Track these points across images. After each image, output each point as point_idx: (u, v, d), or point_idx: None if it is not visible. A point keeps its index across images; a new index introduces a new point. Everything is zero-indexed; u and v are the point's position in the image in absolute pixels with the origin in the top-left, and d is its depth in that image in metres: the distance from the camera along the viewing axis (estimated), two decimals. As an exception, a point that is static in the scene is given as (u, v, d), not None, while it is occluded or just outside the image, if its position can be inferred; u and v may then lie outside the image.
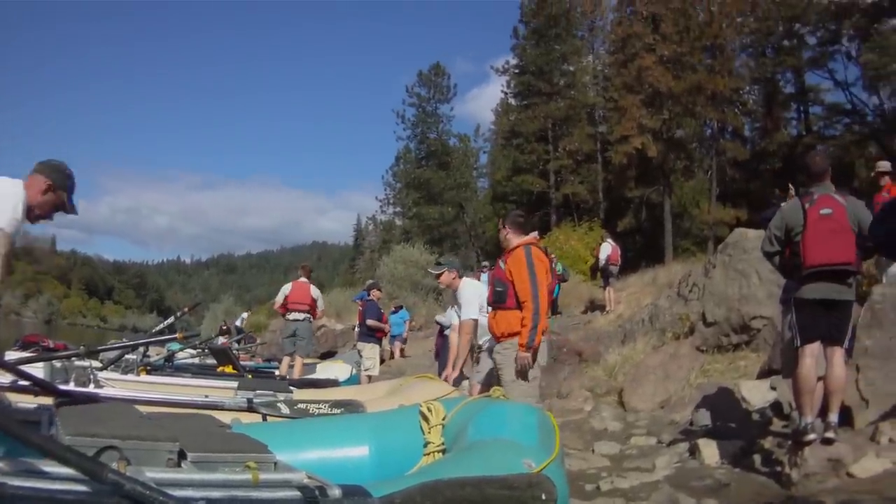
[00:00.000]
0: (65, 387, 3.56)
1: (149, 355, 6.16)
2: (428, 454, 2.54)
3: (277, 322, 16.44)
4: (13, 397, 2.77)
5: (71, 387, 3.87)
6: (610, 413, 7.11)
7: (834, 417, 4.04)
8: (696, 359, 7.92)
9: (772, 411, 5.21)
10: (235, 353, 8.64)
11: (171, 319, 7.25)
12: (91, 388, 3.99)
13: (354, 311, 13.92)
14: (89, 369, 4.30)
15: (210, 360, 8.37)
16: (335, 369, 8.37)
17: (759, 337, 7.69)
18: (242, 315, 24.76)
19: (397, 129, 35.92)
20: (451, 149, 35.46)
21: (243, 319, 22.88)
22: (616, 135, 24.18)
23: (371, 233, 47.89)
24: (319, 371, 8.32)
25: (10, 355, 4.39)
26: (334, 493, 1.66)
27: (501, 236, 4.83)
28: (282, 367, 8.70)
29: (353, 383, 7.70)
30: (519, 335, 4.37)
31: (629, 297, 14.15)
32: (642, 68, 22.57)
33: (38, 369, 3.64)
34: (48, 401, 2.58)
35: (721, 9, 23.49)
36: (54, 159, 2.79)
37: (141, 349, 5.65)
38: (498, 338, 4.60)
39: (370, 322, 10.19)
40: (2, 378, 3.07)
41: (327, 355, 14.50)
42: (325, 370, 8.40)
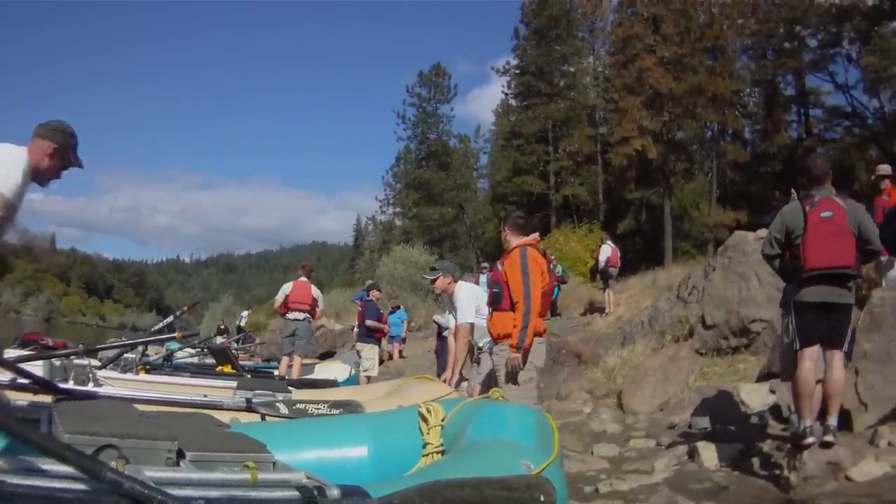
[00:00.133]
0: (64, 385, 3.56)
1: (148, 354, 6.17)
2: (427, 455, 2.53)
3: (276, 322, 16.41)
4: (12, 395, 2.77)
5: (70, 385, 3.87)
6: (609, 415, 7.11)
7: (833, 421, 4.03)
8: (696, 361, 7.92)
9: (771, 414, 5.21)
10: (234, 352, 8.64)
11: (171, 318, 7.27)
12: (90, 387, 3.98)
13: (354, 312, 13.87)
14: (88, 368, 4.30)
15: (209, 360, 8.38)
16: (334, 370, 8.36)
17: (758, 340, 7.69)
18: (243, 314, 24.71)
19: (397, 130, 35.99)
20: (452, 149, 35.47)
21: (243, 318, 22.85)
22: (616, 136, 24.16)
23: (371, 233, 47.84)
24: (318, 371, 8.31)
25: (10, 353, 4.40)
26: (333, 493, 1.66)
27: (502, 238, 4.83)
28: (281, 366, 8.68)
29: (352, 384, 7.69)
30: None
31: (629, 299, 14.15)
32: (643, 70, 22.56)
33: (37, 367, 3.64)
34: (47, 399, 2.60)
35: (722, 10, 23.53)
36: (53, 120, 2.82)
37: (140, 348, 5.65)
38: (495, 339, 4.61)
39: (369, 322, 10.19)
40: (1, 376, 3.08)
41: (326, 356, 14.45)
42: (323, 370, 8.39)
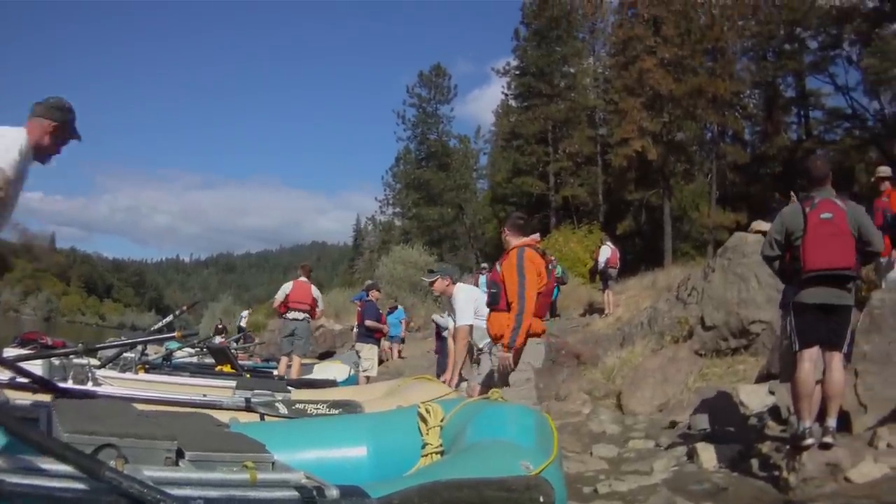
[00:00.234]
0: (63, 384, 3.56)
1: (147, 354, 6.16)
2: (426, 455, 2.52)
3: (276, 322, 16.40)
4: (11, 394, 2.77)
5: (69, 384, 3.87)
6: (608, 416, 7.10)
7: (832, 422, 4.03)
8: (695, 362, 7.92)
9: (770, 416, 5.21)
10: (234, 352, 8.63)
11: (170, 318, 7.26)
12: (89, 386, 3.98)
13: (353, 312, 13.84)
14: (87, 367, 4.30)
15: (208, 360, 8.38)
16: (333, 370, 8.36)
17: (757, 341, 7.69)
18: (243, 314, 24.62)
19: (397, 130, 36.01)
20: (452, 150, 35.48)
21: (243, 318, 22.77)
22: (616, 137, 24.15)
23: (370, 233, 47.80)
24: (317, 371, 8.31)
25: (9, 352, 4.40)
26: (332, 493, 1.65)
27: (503, 238, 4.84)
28: (280, 366, 8.68)
29: (352, 384, 7.69)
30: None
31: (628, 300, 14.16)
32: (643, 71, 22.55)
33: (36, 366, 3.64)
34: (46, 398, 2.59)
35: (722, 12, 23.52)
36: (51, 98, 2.87)
37: (139, 347, 5.65)
38: (493, 339, 4.62)
39: (369, 323, 10.18)
40: (1, 375, 3.07)
41: (326, 356, 14.44)
42: (323, 370, 8.39)
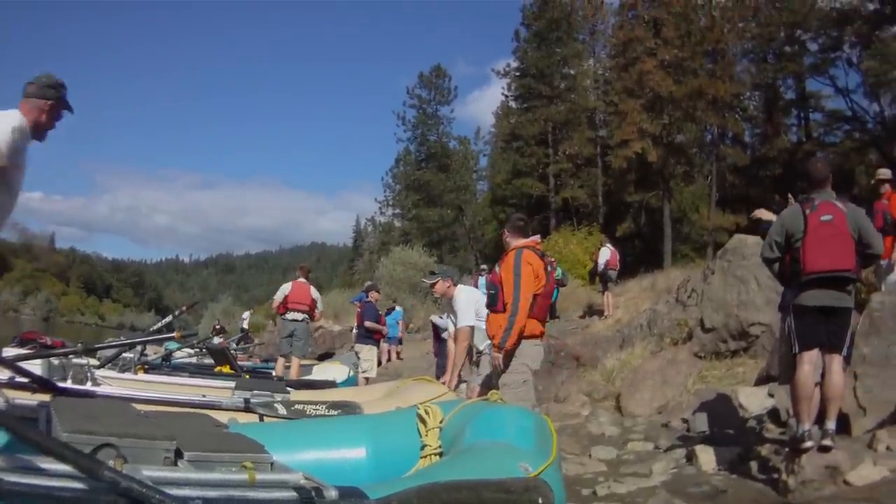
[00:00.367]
0: (62, 384, 3.56)
1: (146, 354, 6.18)
2: (425, 457, 2.52)
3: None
4: (11, 394, 2.77)
5: (68, 384, 3.87)
6: (607, 418, 7.10)
7: (831, 425, 4.03)
8: (694, 365, 7.91)
9: (769, 418, 5.21)
10: (233, 353, 8.64)
11: (169, 318, 7.28)
12: (88, 386, 3.99)
13: (352, 313, 13.84)
14: (87, 367, 4.31)
15: (207, 360, 8.39)
16: (332, 370, 8.37)
17: (757, 343, 7.68)
18: (245, 315, 24.43)
19: (397, 131, 36.07)
20: (451, 151, 35.51)
21: (245, 319, 22.62)
22: (616, 139, 24.16)
23: (370, 234, 47.79)
24: (316, 372, 8.32)
25: (8, 352, 4.40)
26: (331, 494, 1.65)
27: (503, 240, 4.85)
28: (277, 367, 8.68)
29: (351, 385, 7.70)
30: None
31: (628, 301, 14.16)
32: (643, 72, 22.55)
33: (35, 366, 3.64)
34: (46, 397, 2.59)
35: (723, 14, 23.54)
36: (42, 76, 2.88)
37: (138, 347, 5.66)
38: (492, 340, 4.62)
39: (368, 324, 10.18)
40: (0, 374, 3.07)
41: (325, 356, 14.41)
42: (322, 371, 8.39)
